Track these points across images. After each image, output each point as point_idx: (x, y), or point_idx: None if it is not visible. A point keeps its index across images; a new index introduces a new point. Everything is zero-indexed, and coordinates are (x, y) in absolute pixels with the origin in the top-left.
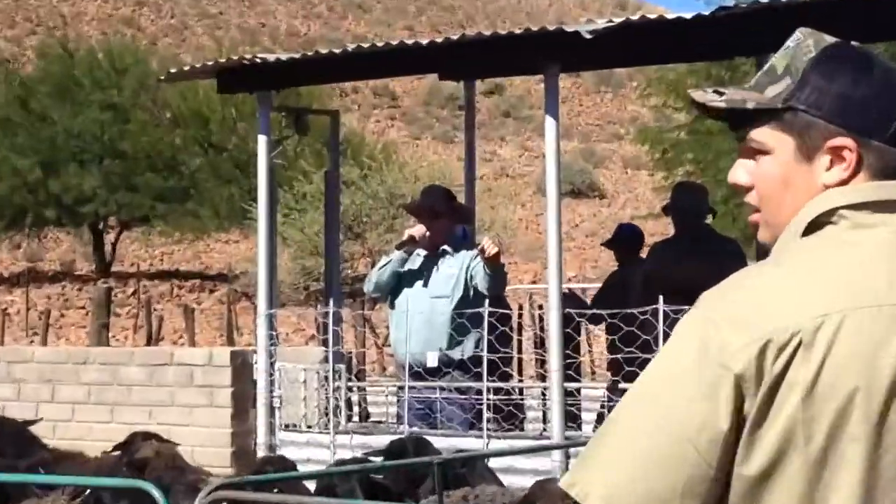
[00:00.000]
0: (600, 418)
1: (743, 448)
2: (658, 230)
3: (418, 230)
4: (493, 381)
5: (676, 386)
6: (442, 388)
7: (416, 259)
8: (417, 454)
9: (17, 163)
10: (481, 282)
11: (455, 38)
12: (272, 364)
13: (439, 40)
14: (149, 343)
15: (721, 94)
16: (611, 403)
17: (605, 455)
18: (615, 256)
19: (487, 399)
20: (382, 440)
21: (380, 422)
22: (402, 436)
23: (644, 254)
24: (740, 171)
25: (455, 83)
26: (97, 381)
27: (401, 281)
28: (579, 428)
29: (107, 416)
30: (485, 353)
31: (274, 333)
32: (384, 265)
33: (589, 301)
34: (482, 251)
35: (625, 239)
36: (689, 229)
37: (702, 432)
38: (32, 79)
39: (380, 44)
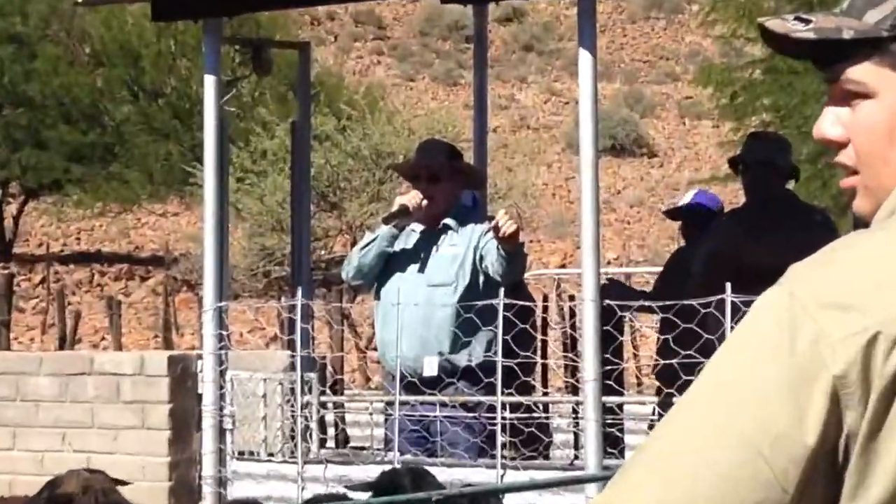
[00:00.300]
0: None
1: (853, 476)
2: (724, 199)
3: (413, 198)
4: (510, 394)
5: (749, 384)
6: (443, 404)
7: (410, 236)
8: (413, 489)
9: None
10: (494, 265)
11: None
12: (222, 373)
13: None
14: (62, 346)
15: (807, 21)
16: None
17: (651, 470)
18: (682, 232)
19: (502, 418)
20: (366, 471)
21: (362, 448)
22: (394, 466)
23: None
24: (830, 122)
25: (461, 7)
26: None
27: (390, 264)
28: (621, 455)
29: (7, 441)
30: (499, 359)
31: (224, 333)
32: (368, 244)
33: (648, 288)
34: (496, 228)
35: (699, 210)
36: (765, 194)
37: (779, 447)
38: None
39: None
